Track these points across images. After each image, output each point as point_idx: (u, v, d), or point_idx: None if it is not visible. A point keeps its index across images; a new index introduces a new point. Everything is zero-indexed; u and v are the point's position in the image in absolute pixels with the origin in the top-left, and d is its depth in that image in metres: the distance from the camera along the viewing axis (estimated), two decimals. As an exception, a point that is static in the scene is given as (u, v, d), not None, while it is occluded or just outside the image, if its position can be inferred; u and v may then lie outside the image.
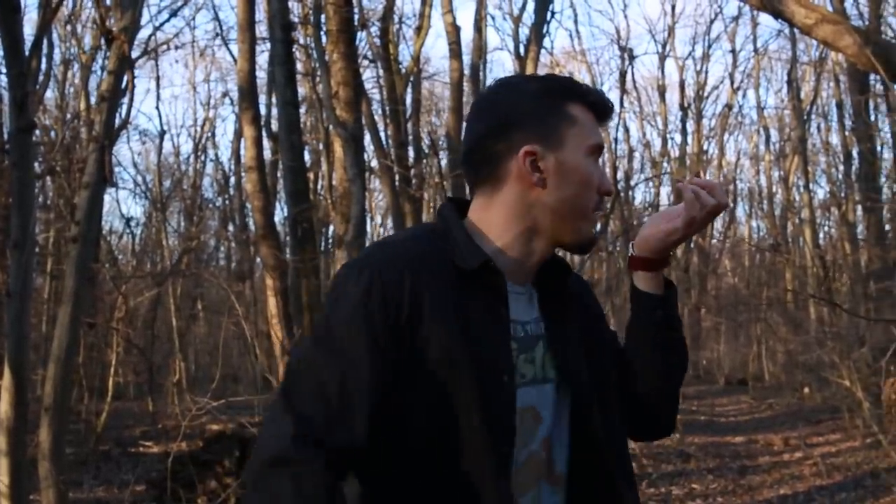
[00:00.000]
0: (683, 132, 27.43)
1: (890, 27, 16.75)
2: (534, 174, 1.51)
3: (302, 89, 16.17)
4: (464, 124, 1.70)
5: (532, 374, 1.52)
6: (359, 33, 12.20)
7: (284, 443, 1.32)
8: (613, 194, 1.86)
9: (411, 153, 15.36)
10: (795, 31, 12.16)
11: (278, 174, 16.65)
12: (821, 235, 23.47)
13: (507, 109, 1.55)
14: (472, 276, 1.46)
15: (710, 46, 32.92)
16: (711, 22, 32.29)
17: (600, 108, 1.58)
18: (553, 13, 17.73)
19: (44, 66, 15.23)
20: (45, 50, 15.06)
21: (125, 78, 6.55)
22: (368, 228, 21.33)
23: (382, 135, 14.64)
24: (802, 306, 18.52)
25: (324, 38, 9.77)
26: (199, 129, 26.84)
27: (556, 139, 1.53)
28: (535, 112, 1.54)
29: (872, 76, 10.26)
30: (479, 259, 1.47)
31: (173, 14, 16.95)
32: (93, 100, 15.00)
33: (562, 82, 1.60)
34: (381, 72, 15.45)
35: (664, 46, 28.22)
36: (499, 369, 1.44)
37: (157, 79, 31.15)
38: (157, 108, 48.60)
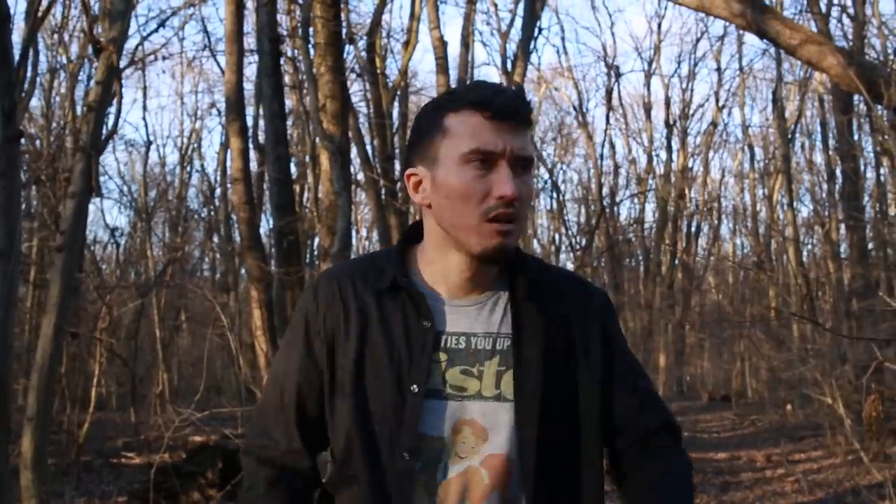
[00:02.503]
0: (669, 149, 27.56)
1: (873, 48, 16.89)
2: (416, 195, 1.55)
3: (289, 102, 16.22)
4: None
5: (477, 388, 1.49)
6: (346, 47, 12.25)
7: (249, 449, 1.62)
8: (511, 198, 1.67)
9: (397, 167, 15.37)
10: (780, 51, 12.25)
11: (264, 186, 16.63)
12: (804, 253, 23.64)
13: (410, 134, 1.60)
14: (394, 293, 1.53)
15: (695, 65, 33.20)
16: (697, 41, 32.32)
17: (487, 107, 1.47)
18: (540, 29, 17.86)
19: (29, 74, 15.18)
20: (30, 58, 15.01)
21: (112, 88, 6.55)
22: (354, 241, 21.34)
23: (369, 148, 14.68)
24: (785, 324, 18.58)
25: (311, 51, 9.79)
26: (185, 139, 26.81)
27: (433, 156, 1.51)
28: (421, 132, 1.55)
29: (856, 96, 10.34)
30: (389, 279, 1.54)
31: (161, 24, 16.91)
32: (79, 109, 14.97)
33: (450, 92, 1.56)
34: (368, 85, 15.50)
35: (650, 64, 28.44)
36: (410, 379, 1.47)
37: (144, 89, 31.19)
38: (144, 118, 48.23)
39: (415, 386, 1.47)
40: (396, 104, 17.25)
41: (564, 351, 1.54)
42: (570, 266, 23.53)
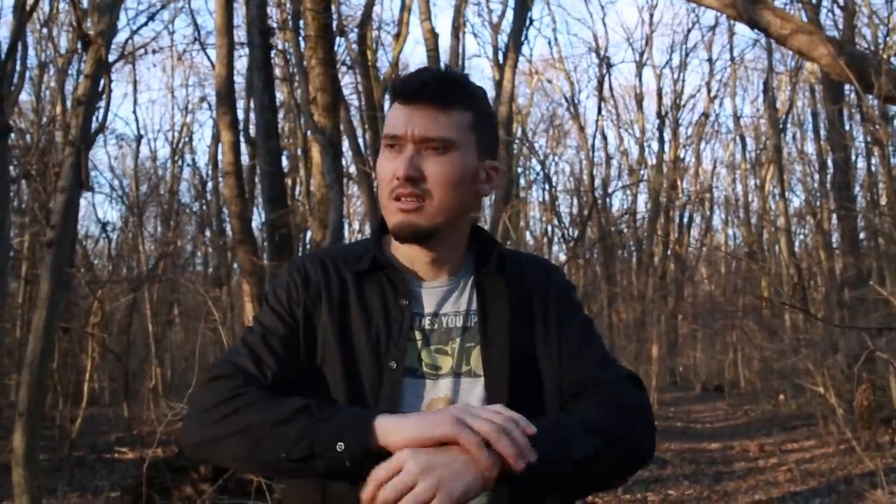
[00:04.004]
0: (660, 140, 27.55)
1: (864, 38, 16.94)
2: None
3: (280, 94, 16.18)
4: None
5: (450, 366, 1.54)
6: (337, 39, 12.21)
7: (221, 370, 1.51)
8: (403, 176, 1.66)
9: (389, 159, 15.32)
10: (771, 41, 12.25)
11: (256, 179, 16.58)
12: (796, 243, 23.70)
13: None
14: (373, 274, 1.59)
15: (687, 55, 33.04)
16: (689, 31, 32.35)
17: (401, 91, 1.54)
18: (531, 21, 17.77)
19: (18, 68, 15.11)
20: (19, 52, 14.95)
21: (102, 82, 6.53)
22: (346, 234, 21.31)
23: (360, 141, 14.62)
24: (778, 314, 18.65)
25: (302, 44, 9.75)
26: (176, 133, 26.74)
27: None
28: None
29: (847, 86, 10.34)
30: (368, 261, 1.59)
31: (151, 18, 16.99)
32: (69, 103, 14.90)
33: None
34: (359, 78, 15.45)
35: (642, 55, 28.39)
36: (388, 357, 1.51)
37: (135, 83, 30.73)
38: (135, 112, 48.30)
39: (393, 363, 1.50)
40: (387, 96, 17.23)
41: (529, 325, 1.59)
42: (562, 257, 23.56)
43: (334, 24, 10.20)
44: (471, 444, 1.25)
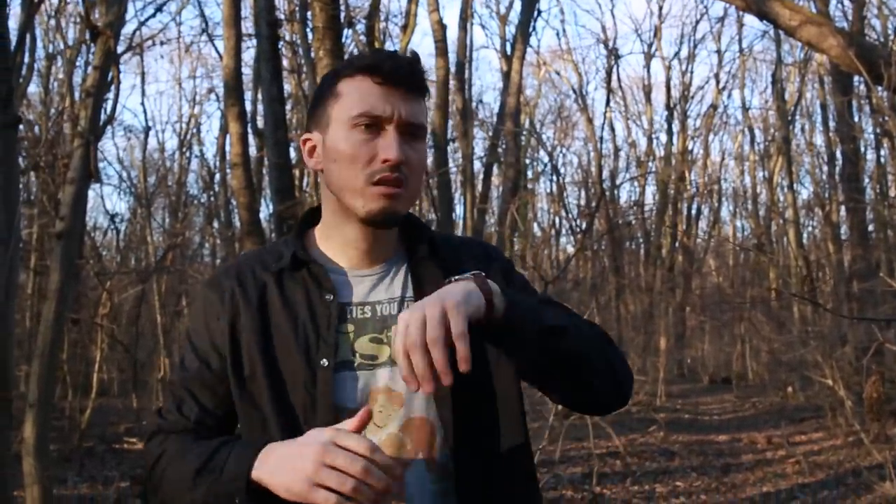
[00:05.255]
0: (669, 132, 27.47)
1: (873, 29, 16.87)
2: (311, 160, 1.57)
3: (288, 86, 16.15)
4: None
5: (387, 355, 1.50)
6: (345, 30, 12.19)
7: (151, 426, 1.59)
8: (396, 161, 1.61)
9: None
10: (780, 32, 12.21)
11: (264, 171, 16.61)
12: (804, 235, 23.65)
13: (311, 100, 1.61)
14: (295, 271, 1.55)
15: (695, 47, 32.92)
16: (697, 22, 32.43)
17: (377, 72, 1.48)
18: (539, 11, 17.79)
19: (27, 59, 15.14)
20: (27, 44, 14.97)
21: (110, 73, 6.54)
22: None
23: (368, 132, 14.61)
24: (786, 306, 18.58)
25: (310, 35, 9.74)
26: (184, 125, 26.70)
27: (325, 120, 1.53)
28: (317, 98, 1.57)
29: (856, 77, 10.32)
30: (289, 258, 1.56)
31: (158, 9, 16.87)
32: (77, 95, 14.92)
33: (347, 60, 1.57)
34: (367, 69, 15.43)
35: (650, 46, 28.29)
36: (319, 354, 1.48)
37: (143, 74, 30.88)
38: (143, 103, 48.18)
39: (324, 360, 1.47)
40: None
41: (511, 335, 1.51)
42: (570, 249, 23.53)
43: (342, 15, 10.17)
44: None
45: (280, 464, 1.32)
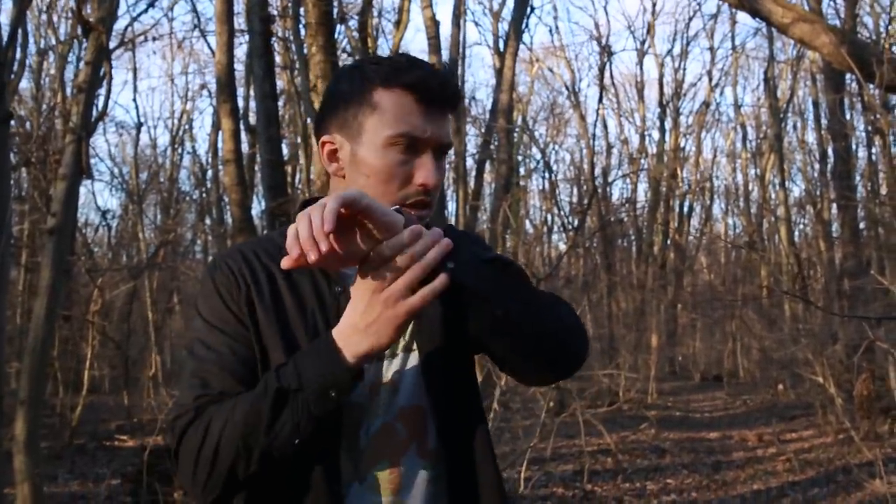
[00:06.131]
0: (661, 129, 27.51)
1: (865, 27, 16.91)
2: (331, 164, 1.53)
3: (280, 82, 16.12)
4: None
5: (395, 347, 1.50)
6: (338, 26, 12.16)
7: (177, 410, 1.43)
8: (433, 187, 1.62)
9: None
10: (773, 29, 12.22)
11: (256, 167, 16.58)
12: (796, 233, 23.70)
13: (327, 97, 1.55)
14: None
15: (688, 44, 33.18)
16: (690, 19, 32.39)
17: (421, 91, 1.45)
18: (532, 8, 17.78)
19: (18, 55, 15.08)
20: (19, 39, 14.91)
21: (102, 69, 6.52)
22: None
23: (361, 129, 14.60)
24: (777, 303, 18.63)
25: (302, 31, 9.73)
26: (176, 121, 26.68)
27: (356, 129, 1.48)
28: (343, 99, 1.51)
29: (848, 75, 10.33)
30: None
31: (150, 4, 16.74)
32: (69, 90, 14.88)
33: (381, 64, 1.50)
34: (360, 65, 15.41)
35: (643, 43, 28.32)
36: None
37: (135, 70, 30.89)
38: (135, 99, 48.31)
39: None
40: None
41: (457, 292, 1.48)
42: (562, 246, 23.55)
43: (335, 11, 10.16)
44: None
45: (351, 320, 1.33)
